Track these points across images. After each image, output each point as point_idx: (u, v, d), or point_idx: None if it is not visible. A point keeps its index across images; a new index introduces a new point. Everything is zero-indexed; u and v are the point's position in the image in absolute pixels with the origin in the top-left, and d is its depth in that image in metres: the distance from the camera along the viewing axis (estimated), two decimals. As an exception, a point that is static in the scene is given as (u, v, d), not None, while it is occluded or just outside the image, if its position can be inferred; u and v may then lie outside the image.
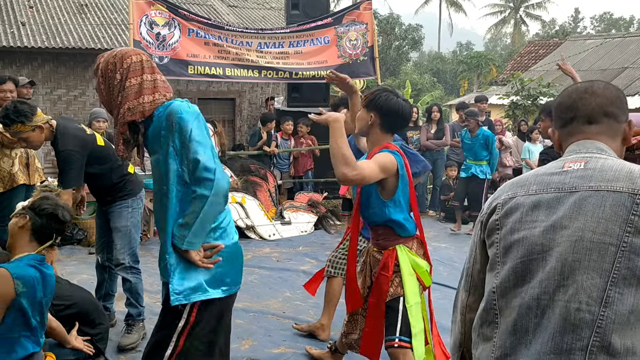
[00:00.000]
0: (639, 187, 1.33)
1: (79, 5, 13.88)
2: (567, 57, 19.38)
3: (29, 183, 5.43)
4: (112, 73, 2.36)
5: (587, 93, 1.54)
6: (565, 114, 1.57)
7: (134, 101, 2.34)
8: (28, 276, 2.52)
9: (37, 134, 3.66)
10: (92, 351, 3.39)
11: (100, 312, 3.57)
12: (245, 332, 4.08)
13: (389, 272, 2.90)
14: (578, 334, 1.28)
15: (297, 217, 7.59)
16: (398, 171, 2.80)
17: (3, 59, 11.57)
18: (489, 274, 1.50)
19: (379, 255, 2.98)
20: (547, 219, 1.39)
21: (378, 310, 2.95)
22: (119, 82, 2.35)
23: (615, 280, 1.28)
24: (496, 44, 58.41)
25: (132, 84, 2.34)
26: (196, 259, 2.30)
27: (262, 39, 8.02)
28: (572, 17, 55.84)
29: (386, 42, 34.29)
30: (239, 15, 15.10)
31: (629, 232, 1.29)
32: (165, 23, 7.41)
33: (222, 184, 2.26)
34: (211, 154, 2.27)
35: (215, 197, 2.24)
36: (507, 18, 49.59)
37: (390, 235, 2.93)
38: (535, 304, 1.35)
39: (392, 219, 2.88)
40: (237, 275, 2.45)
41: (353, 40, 8.30)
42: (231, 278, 2.40)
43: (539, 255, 1.38)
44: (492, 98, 14.23)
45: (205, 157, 2.24)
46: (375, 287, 2.97)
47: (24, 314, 2.55)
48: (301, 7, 8.62)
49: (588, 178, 1.39)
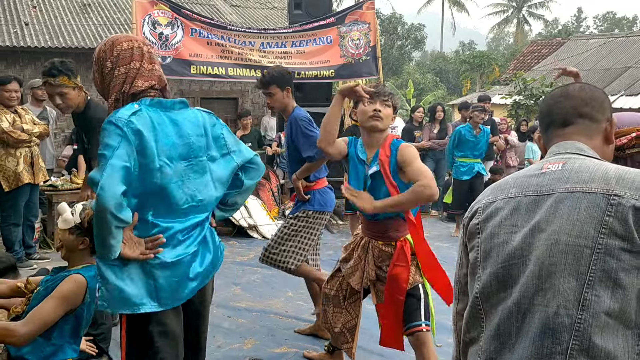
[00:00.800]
0: (613, 187, 1.32)
1: (82, 5, 13.90)
2: (570, 56, 19.40)
3: (33, 182, 5.46)
4: (104, 61, 2.22)
5: (562, 96, 1.57)
6: (544, 119, 1.61)
7: (119, 92, 2.20)
8: (93, 288, 2.56)
9: (75, 94, 3.76)
10: (95, 351, 3.41)
11: (101, 312, 3.58)
12: (247, 331, 4.09)
13: (407, 262, 2.92)
14: (557, 337, 1.28)
15: (299, 216, 7.59)
16: None
17: (6, 59, 11.60)
18: (470, 278, 1.51)
19: (388, 247, 2.98)
20: (526, 223, 1.39)
21: (396, 301, 2.94)
22: (109, 71, 2.21)
23: (592, 283, 1.27)
24: (499, 44, 58.33)
25: (120, 73, 2.20)
26: (131, 255, 2.11)
27: (265, 39, 8.03)
28: (575, 16, 55.76)
29: (389, 41, 34.29)
30: (241, 15, 15.11)
31: (603, 233, 1.29)
32: (168, 23, 7.42)
33: (103, 201, 1.94)
34: (105, 164, 1.98)
35: (98, 213, 1.98)
36: (509, 17, 49.53)
37: (400, 226, 2.97)
38: (515, 308, 1.35)
39: None
40: (174, 291, 2.20)
41: (356, 40, 8.30)
42: (168, 293, 2.19)
43: (519, 260, 1.38)
44: (494, 98, 14.21)
45: (96, 169, 2.03)
46: (391, 279, 2.95)
47: (79, 323, 2.60)
48: (304, 7, 8.62)
49: (564, 180, 1.39)
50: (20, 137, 5.31)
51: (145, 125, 2.09)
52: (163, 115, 2.18)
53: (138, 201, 2.12)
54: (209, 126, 2.33)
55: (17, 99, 5.46)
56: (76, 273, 2.58)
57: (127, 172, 2.01)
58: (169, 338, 2.24)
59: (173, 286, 2.19)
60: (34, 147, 5.52)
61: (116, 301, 2.14)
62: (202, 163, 2.26)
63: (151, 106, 2.17)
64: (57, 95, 3.72)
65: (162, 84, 2.27)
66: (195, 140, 2.23)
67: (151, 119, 2.13)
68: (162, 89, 2.28)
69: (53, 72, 3.66)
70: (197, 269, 2.27)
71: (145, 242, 2.15)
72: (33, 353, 2.56)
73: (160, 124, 2.15)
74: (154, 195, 2.14)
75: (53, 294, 2.51)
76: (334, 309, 3.29)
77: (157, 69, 2.27)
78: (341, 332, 3.26)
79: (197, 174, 2.24)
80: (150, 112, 2.14)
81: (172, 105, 2.23)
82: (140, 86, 2.20)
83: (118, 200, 1.97)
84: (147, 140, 2.07)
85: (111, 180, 1.97)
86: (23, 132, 5.34)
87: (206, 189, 2.27)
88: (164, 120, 2.17)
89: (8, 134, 5.24)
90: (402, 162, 2.86)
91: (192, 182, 2.22)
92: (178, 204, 2.18)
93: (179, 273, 2.20)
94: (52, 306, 2.48)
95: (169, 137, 2.15)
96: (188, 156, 2.21)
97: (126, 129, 2.04)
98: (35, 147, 5.56)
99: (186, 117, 2.25)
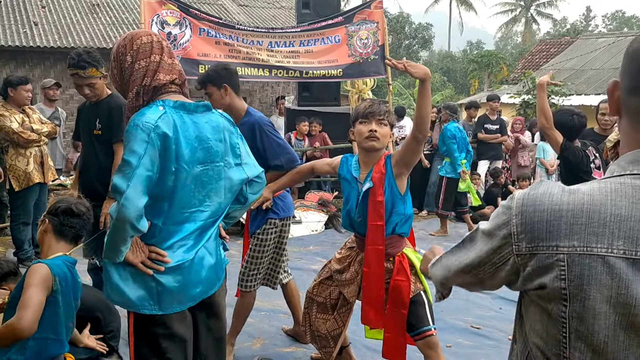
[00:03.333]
0: None
1: (91, 5, 13.96)
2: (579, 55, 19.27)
3: (43, 181, 5.49)
4: (123, 56, 2.20)
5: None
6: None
7: (140, 86, 2.17)
8: (63, 274, 2.55)
9: (102, 83, 3.79)
10: (105, 349, 3.42)
11: (110, 310, 3.59)
12: (256, 330, 4.09)
13: (407, 276, 2.93)
14: None
15: (307, 216, 7.59)
16: None
17: (16, 59, 11.67)
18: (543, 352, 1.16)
19: (387, 263, 2.98)
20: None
21: (398, 314, 2.95)
22: (129, 65, 2.18)
23: None
24: (507, 43, 58.11)
25: (141, 67, 2.17)
26: (132, 260, 2.11)
27: (273, 38, 8.03)
28: (584, 15, 55.46)
29: (396, 41, 34.24)
30: (249, 14, 15.13)
31: None
32: (177, 22, 7.43)
33: (126, 212, 1.94)
34: (130, 173, 1.97)
35: (118, 222, 1.98)
36: (517, 16, 49.34)
37: (397, 242, 2.98)
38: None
39: (409, 214, 2.97)
40: (177, 296, 2.19)
41: (364, 39, 8.28)
42: (170, 297, 2.17)
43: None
44: (503, 97, 14.15)
45: (117, 175, 2.00)
46: (393, 293, 2.96)
47: (56, 314, 2.58)
48: (312, 6, 8.62)
49: None
50: (31, 137, 5.34)
51: (170, 128, 2.07)
52: (186, 117, 2.15)
53: (148, 203, 2.08)
54: (228, 133, 2.30)
55: (31, 99, 5.56)
56: (37, 263, 2.58)
57: (150, 181, 2.02)
58: (175, 341, 2.23)
59: (175, 290, 2.18)
60: (43, 146, 5.55)
61: (118, 300, 2.18)
62: (218, 168, 2.23)
63: (175, 108, 2.14)
64: (86, 86, 3.71)
65: (182, 79, 2.25)
66: (213, 145, 2.20)
67: (174, 121, 2.10)
68: (181, 84, 2.25)
69: (82, 64, 3.64)
70: (202, 274, 2.25)
71: (150, 250, 2.14)
72: (18, 352, 2.55)
73: (182, 127, 2.12)
74: (164, 198, 2.12)
75: (25, 286, 2.50)
76: (318, 314, 3.29)
77: (177, 64, 2.25)
78: (324, 337, 3.27)
79: (211, 179, 2.21)
80: (174, 115, 2.12)
81: (195, 109, 2.20)
82: (162, 79, 2.18)
83: (140, 213, 1.98)
84: (169, 143, 2.06)
85: (135, 191, 1.96)
86: (33, 132, 5.37)
87: (216, 196, 2.24)
88: (187, 123, 2.14)
89: (19, 135, 5.27)
90: (395, 160, 2.90)
91: (205, 188, 2.19)
92: (185, 207, 2.16)
93: (182, 277, 2.18)
94: (33, 291, 2.47)
95: (189, 140, 2.12)
96: (205, 160, 2.18)
97: (153, 135, 2.02)
98: (45, 147, 5.60)
99: (208, 121, 2.22)
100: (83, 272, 4.85)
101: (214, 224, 2.30)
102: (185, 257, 2.18)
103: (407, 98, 20.65)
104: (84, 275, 4.55)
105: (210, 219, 2.25)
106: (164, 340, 2.21)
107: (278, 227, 3.62)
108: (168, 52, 2.24)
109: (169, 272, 2.16)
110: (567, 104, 13.44)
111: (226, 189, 2.28)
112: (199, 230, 2.22)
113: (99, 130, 3.83)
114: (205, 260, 2.26)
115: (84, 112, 4.00)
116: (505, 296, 4.75)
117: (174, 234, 2.17)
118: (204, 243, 2.25)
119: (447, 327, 4.19)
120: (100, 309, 3.51)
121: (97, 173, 3.85)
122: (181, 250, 2.18)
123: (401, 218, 2.95)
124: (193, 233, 2.20)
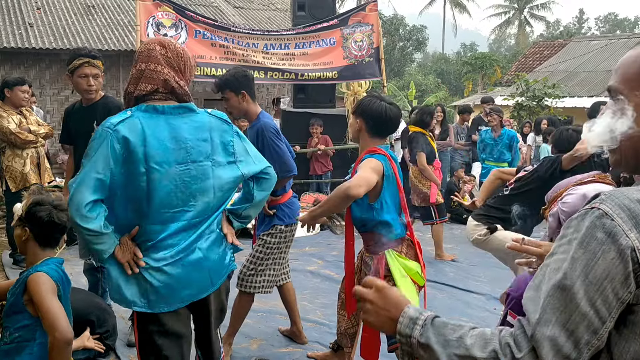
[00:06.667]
0: None
1: (86, 6, 13.95)
2: (572, 58, 19.34)
3: (40, 182, 5.50)
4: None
5: None
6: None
7: (125, 92, 2.30)
8: (60, 278, 2.54)
9: (102, 79, 3.86)
10: (102, 348, 3.45)
11: (103, 310, 3.60)
12: (253, 331, 4.11)
13: (380, 277, 2.91)
14: None
15: (303, 217, 7.60)
16: (384, 172, 2.86)
17: (11, 60, 11.65)
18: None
19: (370, 260, 3.02)
20: None
21: None
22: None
23: None
24: (500, 45, 58.33)
25: (132, 74, 2.28)
26: (121, 259, 2.20)
27: (268, 40, 8.06)
28: (577, 17, 55.82)
29: (390, 43, 34.34)
30: (245, 16, 15.15)
31: None
32: (172, 24, 7.45)
33: (70, 211, 2.12)
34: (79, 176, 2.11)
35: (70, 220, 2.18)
36: (511, 19, 49.54)
37: (380, 241, 2.96)
38: None
39: (381, 220, 2.92)
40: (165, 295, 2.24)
41: (359, 42, 8.32)
42: (157, 297, 2.23)
43: None
44: (496, 99, 14.23)
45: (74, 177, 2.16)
46: None
47: None
48: (307, 9, 8.65)
49: None
50: (28, 138, 5.35)
51: (133, 131, 2.12)
52: (159, 119, 2.18)
53: (124, 205, 2.16)
54: (218, 131, 2.30)
55: (28, 99, 5.57)
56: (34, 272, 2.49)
57: (101, 182, 2.09)
58: (171, 337, 2.29)
59: (162, 290, 2.22)
60: (39, 147, 5.56)
61: (117, 297, 2.25)
62: (202, 168, 2.24)
63: (146, 111, 2.18)
64: (93, 77, 3.73)
65: (167, 88, 2.23)
66: (194, 145, 2.22)
67: (142, 124, 2.14)
68: (171, 92, 2.24)
69: (93, 54, 3.74)
70: (191, 276, 2.26)
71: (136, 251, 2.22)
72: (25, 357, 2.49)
73: (153, 129, 2.15)
74: (141, 199, 2.15)
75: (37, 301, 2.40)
76: (340, 310, 3.36)
77: (163, 72, 2.22)
78: (343, 334, 3.30)
79: (195, 179, 2.22)
80: (143, 118, 2.16)
81: (169, 110, 2.21)
82: (142, 89, 2.21)
83: (81, 212, 2.06)
84: (133, 145, 2.11)
85: (79, 192, 2.07)
86: (30, 132, 5.39)
87: (203, 195, 2.25)
88: (160, 124, 2.17)
89: (16, 135, 5.29)
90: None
91: (188, 187, 2.21)
92: (167, 207, 2.18)
93: (167, 277, 2.22)
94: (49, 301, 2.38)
95: (161, 141, 2.15)
96: (184, 160, 2.20)
97: (111, 139, 2.10)
98: (41, 148, 5.61)
99: (188, 122, 2.23)
100: (79, 274, 4.87)
101: (203, 224, 2.29)
102: (172, 256, 2.21)
103: (402, 100, 20.72)
104: (80, 277, 4.57)
105: (196, 218, 2.26)
106: (158, 337, 2.26)
107: (283, 233, 3.66)
108: (155, 59, 2.23)
109: (156, 271, 2.21)
110: (560, 106, 13.52)
111: (215, 188, 2.29)
112: (186, 230, 2.24)
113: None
114: (196, 263, 2.26)
115: (76, 115, 3.90)
116: (499, 296, 4.79)
117: (158, 233, 2.20)
118: (196, 244, 2.26)
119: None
120: (93, 311, 3.52)
121: None
122: (167, 250, 2.21)
123: (369, 217, 2.93)
124: (179, 233, 2.22)
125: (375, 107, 2.92)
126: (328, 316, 4.38)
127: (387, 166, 2.88)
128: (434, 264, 6.04)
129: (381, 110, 2.91)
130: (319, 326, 4.28)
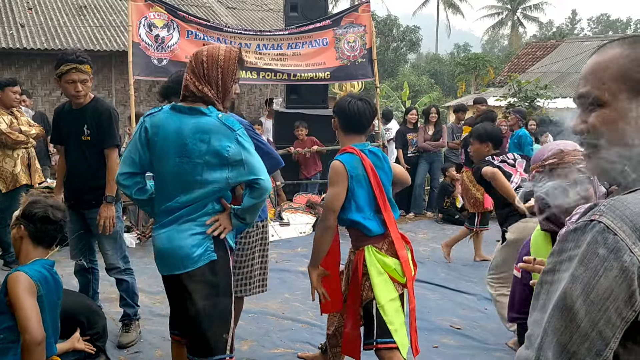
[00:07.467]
0: None
1: (78, 7, 13.90)
2: (564, 59, 19.40)
3: (30, 183, 5.47)
4: None
5: None
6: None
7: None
8: (44, 278, 2.53)
9: (91, 83, 3.79)
10: (93, 350, 3.43)
11: (92, 311, 3.59)
12: (244, 332, 4.10)
13: (358, 273, 2.96)
14: None
15: (295, 218, 7.62)
16: (347, 174, 2.87)
17: (2, 61, 11.60)
18: None
19: (353, 256, 3.06)
20: None
21: (353, 310, 3.02)
22: None
23: None
24: (493, 46, 58.54)
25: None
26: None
27: (261, 41, 8.05)
28: (569, 18, 56.08)
29: (384, 43, 34.38)
30: (237, 17, 15.13)
31: None
32: (164, 25, 7.43)
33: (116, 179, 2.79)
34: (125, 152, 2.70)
35: None
36: (504, 20, 49.74)
37: (360, 236, 2.99)
38: None
39: (351, 220, 2.94)
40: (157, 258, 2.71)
41: (351, 42, 8.33)
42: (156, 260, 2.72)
43: None
44: (489, 100, 14.27)
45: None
46: (350, 288, 3.04)
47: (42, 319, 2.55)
48: (300, 9, 8.65)
49: None
50: (19, 138, 5.32)
51: (154, 123, 2.60)
52: (175, 117, 2.57)
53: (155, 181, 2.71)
54: (218, 135, 2.50)
55: (20, 100, 5.54)
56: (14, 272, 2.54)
57: (132, 161, 2.64)
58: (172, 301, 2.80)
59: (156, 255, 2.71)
60: (30, 148, 5.53)
61: None
62: (193, 164, 2.52)
63: (171, 109, 2.60)
64: (81, 82, 3.67)
65: (188, 92, 2.59)
66: (190, 142, 2.51)
67: (161, 119, 2.58)
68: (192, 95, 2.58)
69: (82, 59, 3.67)
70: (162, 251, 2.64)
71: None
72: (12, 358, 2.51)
73: (166, 124, 2.56)
74: (156, 175, 2.65)
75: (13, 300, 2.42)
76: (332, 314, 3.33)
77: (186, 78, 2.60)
78: (333, 334, 3.29)
79: (186, 172, 2.53)
80: (166, 113, 2.60)
81: (184, 110, 2.58)
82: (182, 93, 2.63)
83: (119, 180, 2.71)
84: (151, 135, 2.60)
85: (119, 165, 2.75)
86: (21, 133, 5.36)
87: (188, 187, 2.55)
88: (173, 121, 2.56)
89: (7, 135, 5.26)
90: None
91: (178, 177, 2.55)
92: (161, 189, 2.64)
93: (155, 246, 2.68)
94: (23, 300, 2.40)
95: (168, 134, 2.55)
96: (181, 154, 2.52)
97: (140, 126, 2.63)
98: (32, 149, 5.58)
99: (196, 122, 2.53)
100: (69, 276, 4.86)
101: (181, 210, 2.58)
102: (156, 229, 2.65)
103: (395, 101, 20.74)
104: (71, 278, 4.55)
105: (177, 204, 2.58)
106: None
107: (259, 229, 3.61)
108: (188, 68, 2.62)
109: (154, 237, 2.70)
110: (553, 107, 13.57)
111: (200, 184, 2.54)
112: (167, 212, 2.60)
113: (88, 136, 3.74)
114: (167, 242, 2.60)
115: (66, 116, 3.86)
116: (490, 297, 4.80)
117: (158, 207, 2.66)
118: (170, 225, 2.60)
119: (433, 327, 4.23)
120: (83, 312, 3.50)
121: (88, 179, 3.77)
122: (157, 223, 2.66)
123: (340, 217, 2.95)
124: (163, 213, 2.62)
125: (343, 104, 3.01)
126: (319, 317, 4.37)
127: (351, 166, 2.88)
128: (425, 264, 6.05)
129: (347, 106, 2.97)
130: (310, 327, 4.28)
